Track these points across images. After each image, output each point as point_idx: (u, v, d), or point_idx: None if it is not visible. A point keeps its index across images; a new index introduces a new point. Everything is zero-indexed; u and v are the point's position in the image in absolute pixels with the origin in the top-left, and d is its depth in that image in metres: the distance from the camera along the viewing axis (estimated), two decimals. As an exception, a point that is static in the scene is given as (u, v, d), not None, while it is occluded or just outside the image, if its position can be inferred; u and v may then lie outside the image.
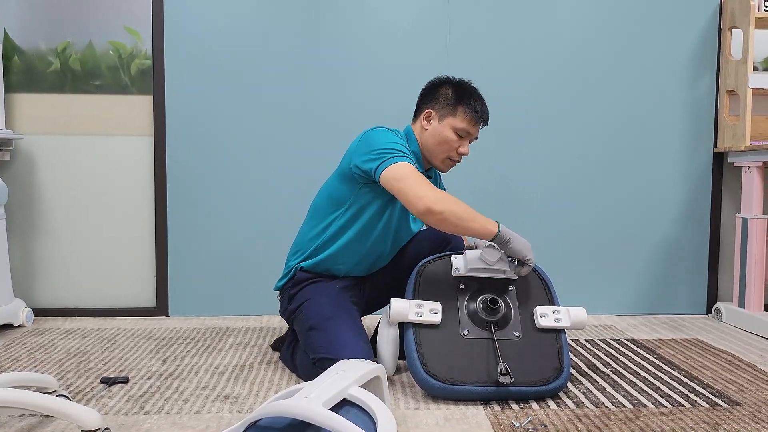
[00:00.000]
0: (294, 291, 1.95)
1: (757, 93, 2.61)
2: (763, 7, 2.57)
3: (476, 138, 1.94)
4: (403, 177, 1.71)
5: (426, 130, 1.91)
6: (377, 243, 1.94)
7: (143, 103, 2.66)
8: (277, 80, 2.65)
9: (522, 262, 1.80)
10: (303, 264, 1.96)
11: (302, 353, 1.85)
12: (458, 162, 1.94)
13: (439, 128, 1.88)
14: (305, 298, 1.91)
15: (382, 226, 1.91)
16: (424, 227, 2.10)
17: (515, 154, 2.73)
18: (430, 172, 2.02)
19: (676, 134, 2.75)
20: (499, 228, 1.74)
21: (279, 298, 2.03)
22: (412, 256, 1.99)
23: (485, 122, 1.94)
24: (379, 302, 2.08)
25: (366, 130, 1.88)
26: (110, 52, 2.64)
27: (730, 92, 2.68)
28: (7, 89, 2.61)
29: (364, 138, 1.85)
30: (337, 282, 1.96)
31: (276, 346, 2.16)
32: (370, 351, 1.74)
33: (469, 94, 1.89)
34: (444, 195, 1.70)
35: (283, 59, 2.65)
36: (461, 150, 1.90)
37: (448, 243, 2.00)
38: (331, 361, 1.61)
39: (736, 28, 2.64)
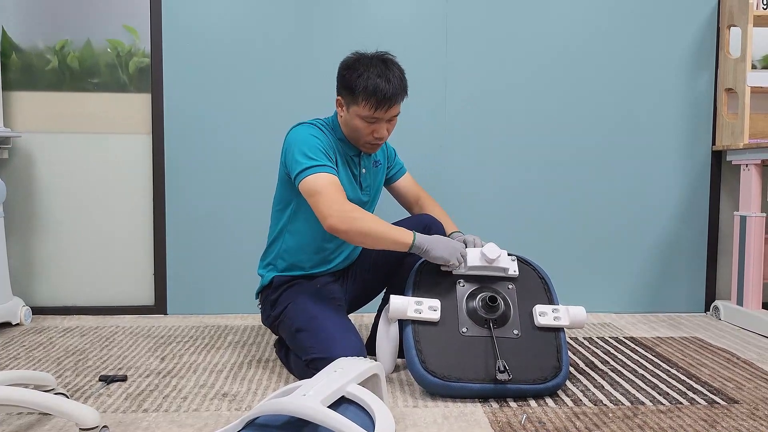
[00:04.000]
0: (275, 296, 1.94)
1: (756, 91, 2.61)
2: (762, 5, 2.57)
3: (397, 114, 1.82)
4: (315, 192, 1.72)
5: (341, 117, 1.87)
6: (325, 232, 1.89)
7: (141, 102, 2.65)
8: (275, 78, 2.65)
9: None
10: (275, 271, 1.97)
11: (294, 356, 1.85)
12: (380, 144, 1.86)
13: (348, 117, 1.82)
14: (288, 301, 1.90)
15: None
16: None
17: (513, 151, 2.72)
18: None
19: (675, 132, 2.75)
20: (414, 239, 1.72)
21: (260, 306, 2.02)
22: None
23: (394, 100, 1.76)
24: (363, 297, 2.08)
25: (290, 130, 1.87)
26: (108, 50, 2.63)
27: (729, 90, 2.68)
28: (5, 87, 2.61)
29: (286, 141, 1.86)
30: (317, 281, 1.95)
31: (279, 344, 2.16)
32: (362, 345, 1.74)
33: (368, 75, 1.74)
34: (352, 212, 1.69)
35: (281, 58, 2.65)
36: (376, 134, 1.81)
37: (429, 232, 1.96)
38: (324, 361, 1.59)
39: (734, 26, 2.64)
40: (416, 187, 2.18)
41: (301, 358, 1.78)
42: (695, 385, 1.80)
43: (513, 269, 1.86)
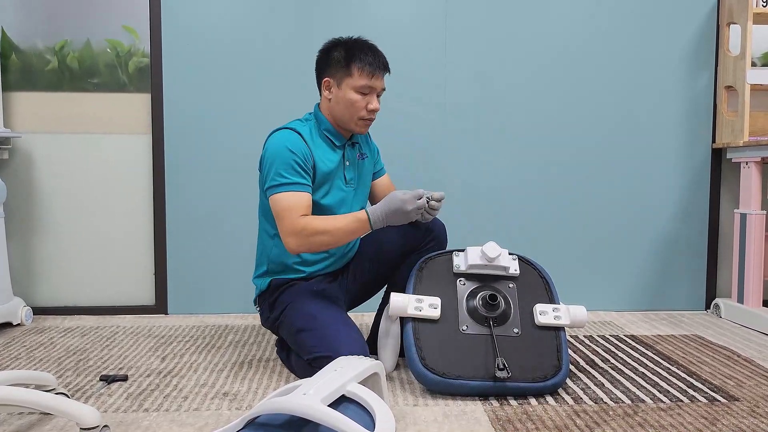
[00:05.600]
0: (272, 298, 1.93)
1: (756, 88, 2.61)
2: (761, 3, 2.56)
3: (383, 89, 1.90)
4: (277, 214, 1.77)
5: (329, 99, 1.89)
6: None
7: (141, 101, 2.65)
8: (274, 77, 2.65)
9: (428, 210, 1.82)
10: (270, 278, 1.95)
11: (296, 356, 1.84)
12: (373, 119, 1.90)
13: (341, 93, 1.86)
14: (286, 302, 1.89)
15: None
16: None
17: (513, 151, 2.72)
18: (356, 138, 1.99)
19: (675, 130, 2.75)
20: (369, 219, 1.76)
21: (258, 309, 2.02)
22: (392, 248, 1.96)
23: (385, 70, 1.88)
24: (362, 295, 2.07)
25: (268, 137, 1.88)
26: (108, 50, 2.63)
27: (729, 88, 2.68)
28: (5, 88, 2.61)
29: (264, 152, 1.85)
30: (314, 283, 1.94)
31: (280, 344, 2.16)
32: (364, 341, 1.74)
33: (358, 48, 1.85)
34: (304, 229, 1.72)
35: (281, 56, 2.65)
36: (370, 107, 1.86)
37: (431, 231, 1.96)
38: (328, 359, 1.59)
39: (734, 23, 2.64)
40: (392, 188, 2.17)
41: (302, 358, 1.78)
42: (696, 383, 1.80)
43: (514, 268, 1.86)
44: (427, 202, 1.79)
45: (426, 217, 1.84)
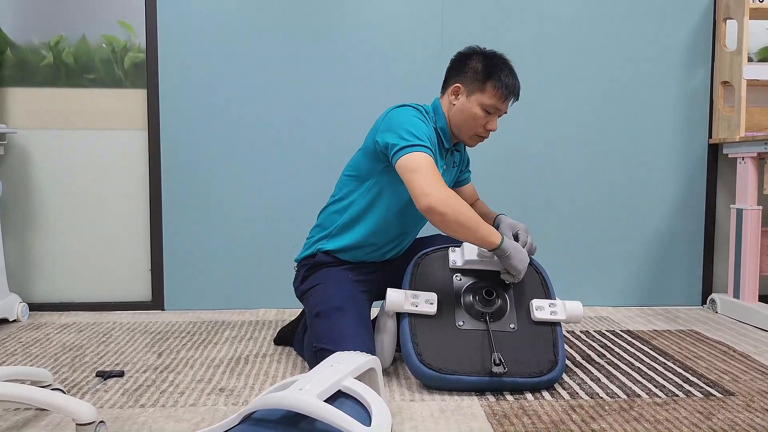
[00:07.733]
0: (309, 273, 1.93)
1: (752, 84, 2.61)
2: (758, -2, 2.57)
3: (505, 113, 1.88)
4: (416, 168, 1.66)
5: (454, 105, 1.86)
6: (402, 225, 1.91)
7: (137, 97, 2.65)
8: (270, 73, 2.65)
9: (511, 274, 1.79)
10: (326, 245, 1.92)
11: (309, 341, 1.85)
12: (486, 137, 1.90)
13: (467, 104, 1.83)
14: (317, 282, 1.89)
15: (405, 206, 1.86)
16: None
17: (509, 145, 2.72)
18: (458, 146, 1.99)
19: (671, 126, 2.75)
20: (501, 242, 1.71)
21: (296, 269, 2.01)
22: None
23: (516, 97, 1.86)
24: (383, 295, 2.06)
25: (391, 108, 1.83)
26: (103, 45, 2.62)
27: (725, 83, 2.68)
28: (0, 84, 2.60)
29: (388, 117, 1.80)
30: (351, 273, 1.92)
31: (278, 340, 2.16)
32: (373, 347, 1.74)
33: (499, 68, 1.81)
34: (452, 197, 1.65)
35: (277, 51, 2.64)
36: (489, 126, 1.85)
37: None
38: (331, 354, 1.59)
39: (730, 19, 2.64)
40: (475, 195, 2.19)
41: (312, 344, 1.78)
42: (691, 378, 1.80)
43: (510, 263, 1.86)
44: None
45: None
